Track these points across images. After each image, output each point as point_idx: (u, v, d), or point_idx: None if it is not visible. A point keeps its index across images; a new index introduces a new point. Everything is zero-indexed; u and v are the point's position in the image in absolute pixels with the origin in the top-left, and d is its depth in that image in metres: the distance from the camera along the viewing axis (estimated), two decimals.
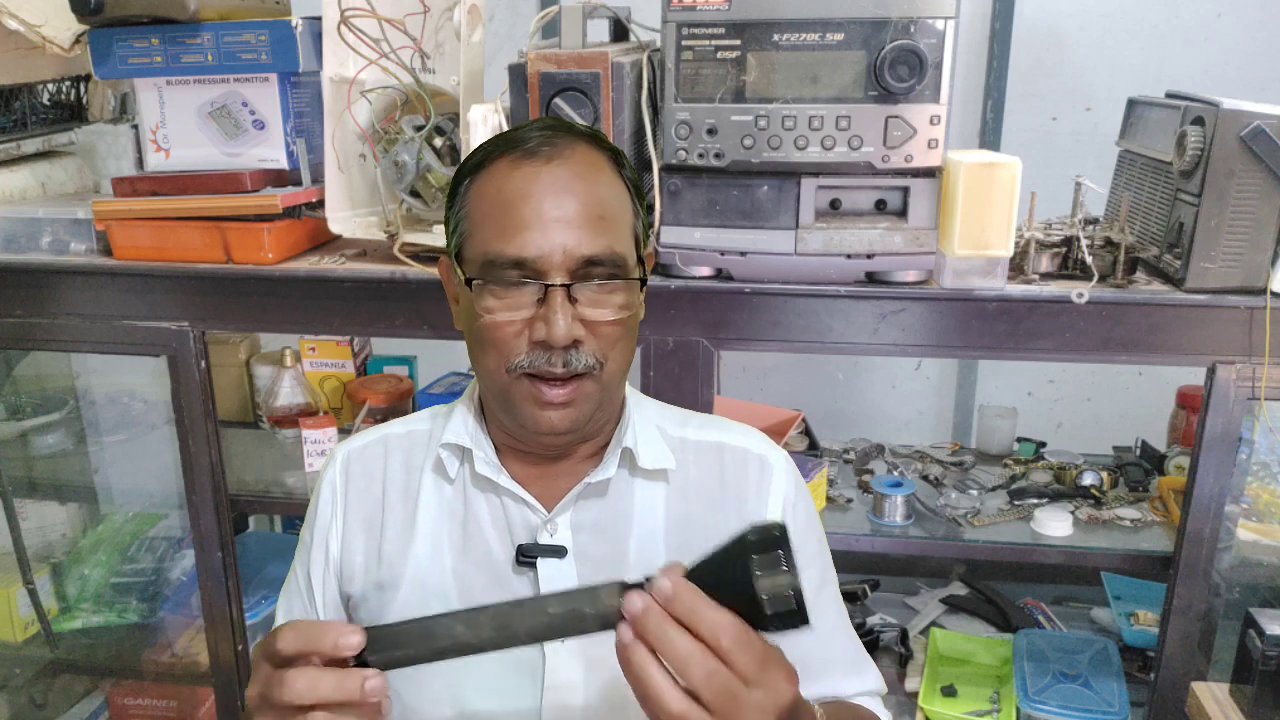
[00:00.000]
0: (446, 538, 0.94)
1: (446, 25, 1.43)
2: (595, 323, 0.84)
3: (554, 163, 0.84)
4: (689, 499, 0.94)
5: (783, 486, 0.97)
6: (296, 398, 1.88)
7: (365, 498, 0.97)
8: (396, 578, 0.93)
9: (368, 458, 0.99)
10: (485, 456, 0.92)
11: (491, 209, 0.84)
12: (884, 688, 1.03)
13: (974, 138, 2.08)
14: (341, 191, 1.49)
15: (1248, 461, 1.37)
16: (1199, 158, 1.27)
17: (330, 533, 0.97)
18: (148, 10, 1.44)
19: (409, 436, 0.99)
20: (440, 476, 0.95)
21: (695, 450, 0.96)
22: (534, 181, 0.83)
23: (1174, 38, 1.97)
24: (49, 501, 2.07)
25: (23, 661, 2.02)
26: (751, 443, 0.98)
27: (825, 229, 1.33)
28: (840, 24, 1.24)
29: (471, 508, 0.94)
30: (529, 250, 0.82)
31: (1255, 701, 1.27)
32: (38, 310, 1.57)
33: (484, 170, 0.87)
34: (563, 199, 0.83)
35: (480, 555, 0.92)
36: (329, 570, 0.97)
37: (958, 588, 2.05)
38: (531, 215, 0.82)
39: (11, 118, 1.73)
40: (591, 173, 0.85)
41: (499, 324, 0.84)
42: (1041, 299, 1.33)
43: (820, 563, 1.00)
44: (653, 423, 0.97)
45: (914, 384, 2.24)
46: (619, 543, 0.92)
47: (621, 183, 0.88)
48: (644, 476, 0.94)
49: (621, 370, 0.89)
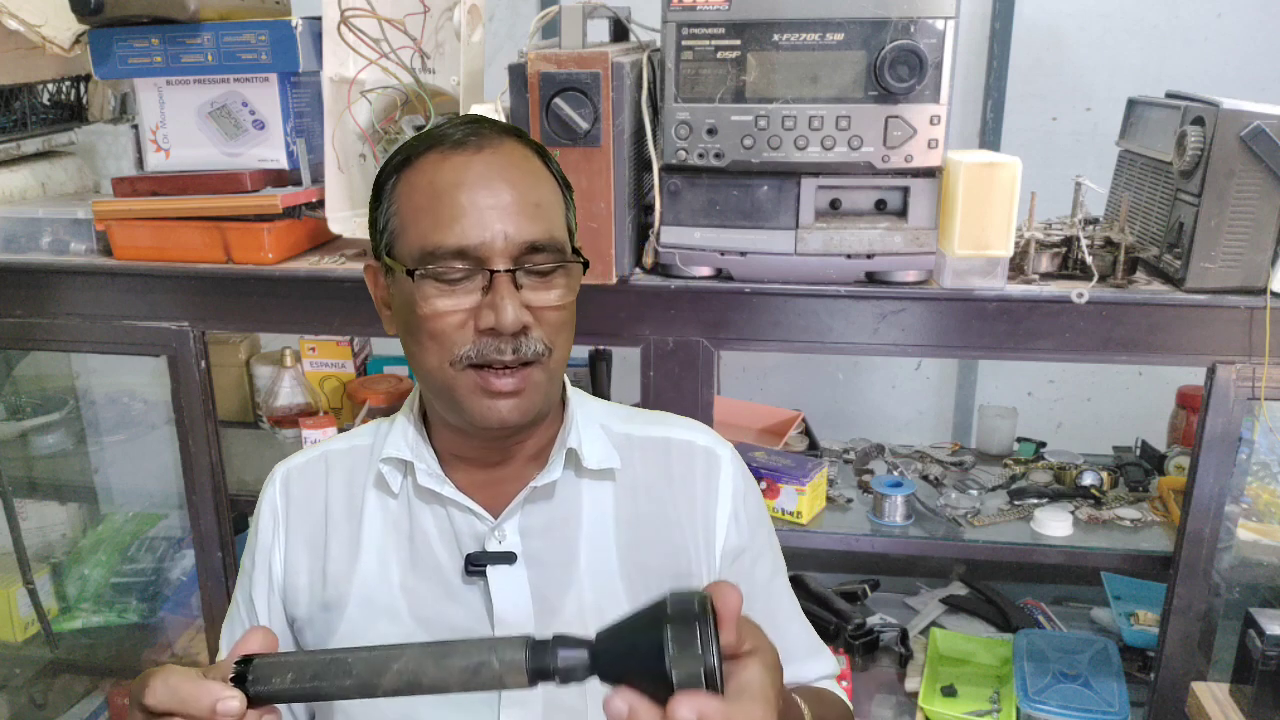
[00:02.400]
0: (393, 553, 0.91)
1: (446, 25, 1.43)
2: (541, 308, 0.83)
3: (484, 152, 0.83)
4: (638, 497, 0.93)
5: (731, 478, 0.96)
6: (296, 398, 1.88)
7: (307, 517, 0.95)
8: (343, 597, 0.91)
9: (308, 476, 0.96)
10: (427, 468, 0.90)
11: (424, 201, 0.83)
12: (838, 669, 1.05)
13: (974, 138, 2.08)
14: (341, 191, 1.49)
15: (1248, 461, 1.37)
16: (1199, 158, 1.27)
17: (273, 555, 0.94)
18: (148, 10, 1.44)
19: (351, 452, 0.97)
20: (383, 491, 0.93)
21: (641, 446, 0.95)
22: (465, 171, 0.82)
23: (1174, 38, 1.97)
24: (49, 501, 2.07)
25: (23, 661, 2.02)
26: (697, 436, 0.98)
27: (825, 229, 1.33)
28: (840, 24, 1.24)
29: (417, 520, 0.92)
30: (469, 238, 0.81)
31: (1255, 701, 1.27)
32: (38, 310, 1.57)
33: (410, 166, 0.85)
34: (497, 186, 0.82)
35: (429, 568, 0.90)
36: (273, 593, 0.94)
37: (958, 588, 2.05)
38: (468, 203, 0.81)
39: (11, 118, 1.73)
40: (521, 161, 0.85)
41: (441, 315, 0.82)
42: (1041, 299, 1.33)
43: (771, 554, 1.00)
44: (596, 421, 0.95)
45: (914, 384, 2.24)
46: (569, 545, 0.91)
47: (550, 174, 0.88)
48: (591, 477, 0.93)
49: (565, 359, 0.88)
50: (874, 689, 1.76)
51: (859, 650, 1.82)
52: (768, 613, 0.96)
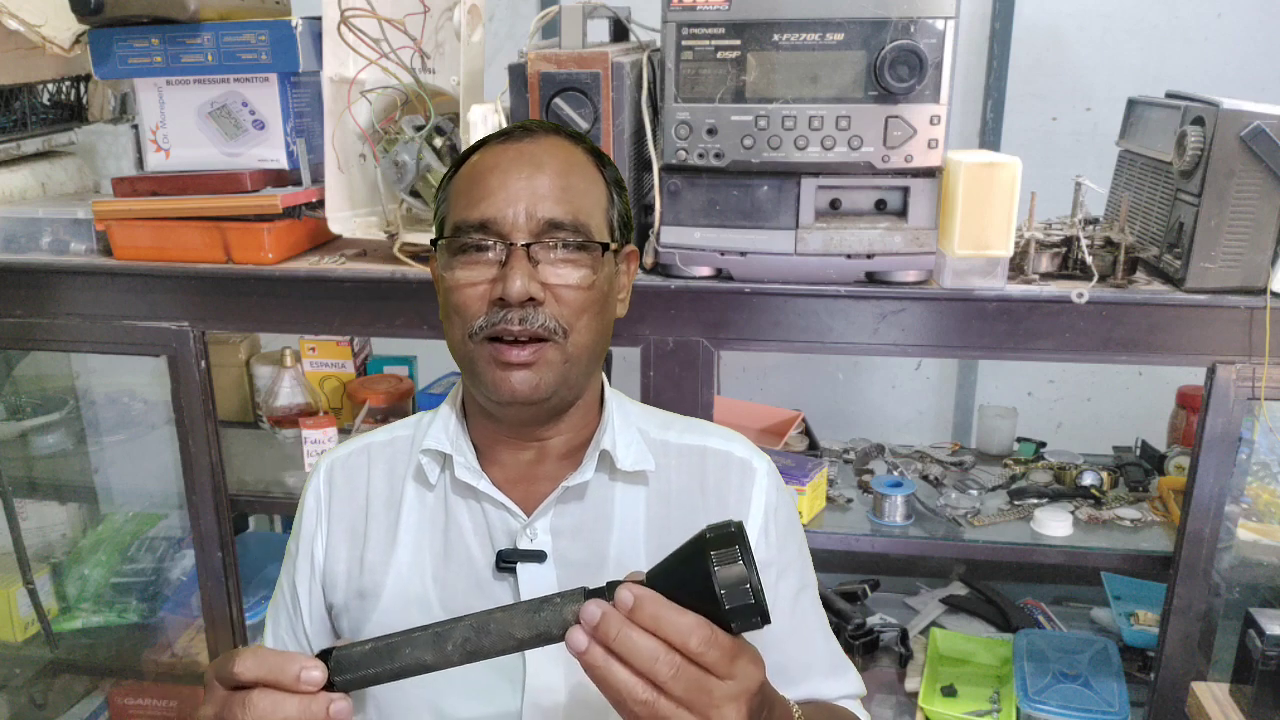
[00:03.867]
0: (428, 545, 0.93)
1: (446, 25, 1.43)
2: (555, 286, 0.84)
3: (524, 142, 0.87)
4: (670, 502, 0.94)
5: (764, 491, 0.96)
6: (296, 398, 1.88)
7: (349, 507, 0.97)
8: (378, 586, 0.93)
9: (351, 467, 0.98)
10: (465, 461, 0.92)
11: (463, 185, 0.88)
12: (863, 690, 1.04)
13: (974, 138, 2.08)
14: (341, 191, 1.49)
15: (1248, 461, 1.37)
16: (1199, 158, 1.27)
17: (315, 542, 0.97)
18: (148, 10, 1.44)
19: (392, 444, 0.99)
20: (421, 484, 0.95)
21: (677, 454, 0.96)
22: (502, 156, 0.86)
23: (1174, 38, 1.97)
24: (49, 501, 2.07)
25: (23, 661, 2.02)
26: (734, 447, 0.98)
27: (825, 229, 1.33)
28: (840, 24, 1.24)
29: (453, 514, 0.93)
30: (492, 212, 0.84)
31: (1255, 701, 1.27)
32: (38, 310, 1.57)
33: (464, 162, 0.90)
34: (528, 169, 0.85)
35: (461, 562, 0.91)
36: (314, 579, 0.97)
37: (958, 588, 2.05)
38: (498, 184, 0.85)
39: (11, 118, 1.73)
40: (560, 151, 0.88)
41: (462, 286, 0.85)
42: (1041, 299, 1.33)
43: (800, 566, 0.99)
44: (634, 425, 0.96)
45: (914, 384, 2.24)
46: (599, 546, 0.91)
47: (597, 172, 0.90)
48: (624, 480, 0.93)
49: (590, 348, 0.88)
50: (874, 689, 1.76)
51: (859, 650, 1.81)
52: (792, 627, 0.96)
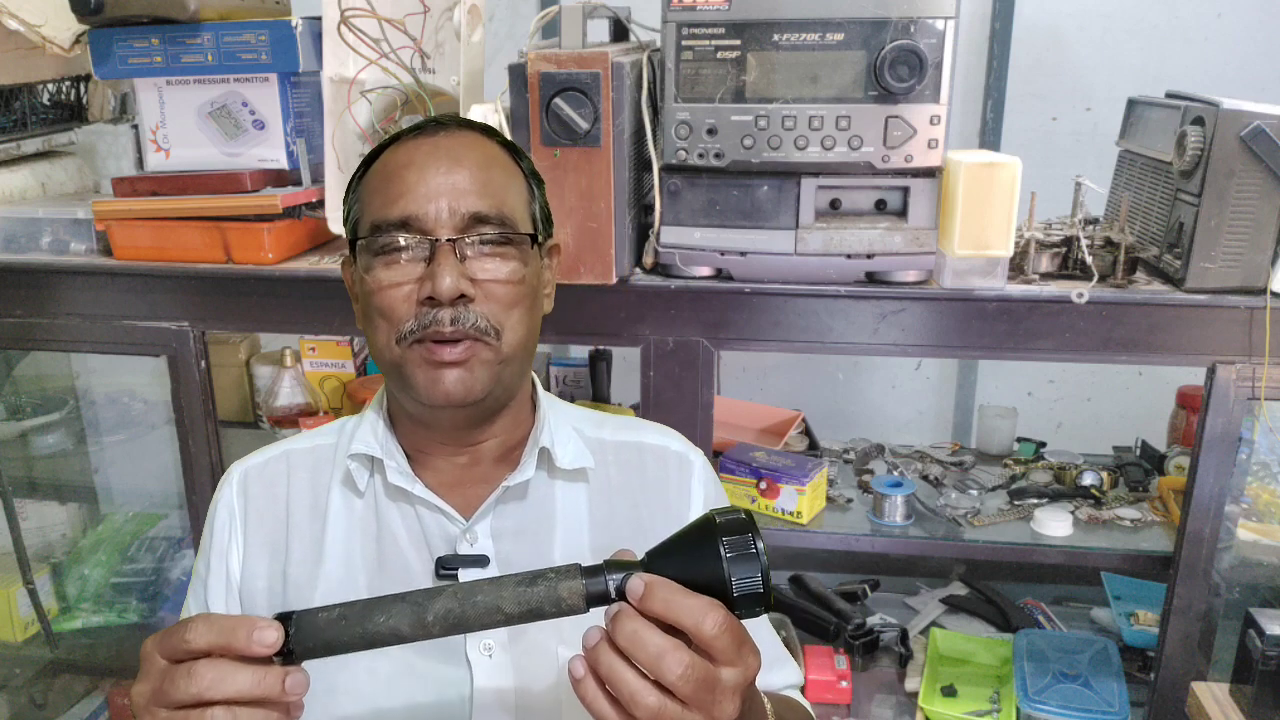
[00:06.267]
0: (359, 555, 0.88)
1: (446, 25, 1.43)
2: (486, 282, 0.82)
3: (437, 137, 0.84)
4: (612, 499, 0.92)
5: (703, 484, 0.97)
6: (296, 398, 1.88)
7: (266, 518, 0.91)
8: (305, 601, 0.87)
9: (269, 475, 0.93)
10: (397, 465, 0.88)
11: (378, 183, 0.84)
12: (802, 680, 1.05)
13: (974, 138, 2.08)
14: (341, 191, 1.49)
15: (1248, 461, 1.37)
16: (1199, 158, 1.27)
17: (229, 557, 0.90)
18: (148, 10, 1.44)
19: (314, 451, 0.94)
20: (350, 490, 0.90)
21: (615, 451, 0.95)
22: (416, 151, 0.83)
23: (1174, 38, 1.97)
24: (49, 501, 2.07)
25: (23, 661, 2.02)
26: (670, 442, 0.98)
27: (825, 229, 1.33)
28: (840, 24, 1.24)
29: (385, 521, 0.88)
30: (413, 209, 0.80)
31: (1255, 701, 1.27)
32: (38, 310, 1.57)
33: (375, 160, 0.87)
34: (445, 164, 0.82)
35: (397, 571, 0.87)
36: (230, 598, 0.90)
37: (958, 588, 2.05)
38: (415, 179, 0.81)
39: (11, 118, 1.73)
40: (476, 145, 0.85)
41: (385, 288, 0.81)
42: (1041, 299, 1.33)
43: None
44: (568, 424, 0.95)
45: (914, 384, 2.24)
46: (542, 547, 0.89)
47: (515, 165, 0.88)
48: (564, 478, 0.91)
49: (522, 346, 0.85)
50: (874, 689, 1.76)
51: (859, 650, 1.82)
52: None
